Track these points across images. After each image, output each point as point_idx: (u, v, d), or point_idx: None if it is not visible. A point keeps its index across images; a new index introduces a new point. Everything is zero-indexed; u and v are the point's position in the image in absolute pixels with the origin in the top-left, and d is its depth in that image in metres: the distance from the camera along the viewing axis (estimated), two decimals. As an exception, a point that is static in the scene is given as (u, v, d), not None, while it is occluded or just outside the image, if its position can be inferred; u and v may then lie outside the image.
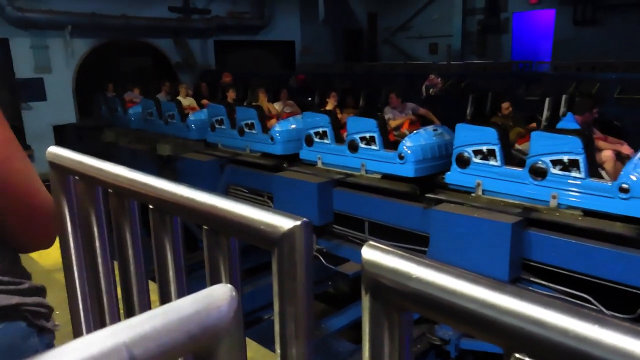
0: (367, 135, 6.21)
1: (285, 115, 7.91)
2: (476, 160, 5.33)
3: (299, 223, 0.70)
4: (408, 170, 5.84)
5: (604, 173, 4.77)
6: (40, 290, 0.85)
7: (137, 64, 13.51)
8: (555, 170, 4.76)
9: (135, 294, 1.14)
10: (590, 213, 4.63)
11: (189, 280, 1.03)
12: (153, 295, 1.20)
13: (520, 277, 4.89)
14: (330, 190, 6.39)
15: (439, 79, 9.14)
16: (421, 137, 5.99)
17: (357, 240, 6.36)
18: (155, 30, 12.98)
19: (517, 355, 0.45)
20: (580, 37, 13.46)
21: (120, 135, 10.24)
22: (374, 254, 0.56)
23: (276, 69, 15.33)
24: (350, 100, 7.57)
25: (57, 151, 1.25)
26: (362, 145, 6.29)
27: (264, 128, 7.57)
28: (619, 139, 5.30)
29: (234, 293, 0.55)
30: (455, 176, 5.53)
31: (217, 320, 0.52)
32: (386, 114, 6.70)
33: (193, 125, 8.87)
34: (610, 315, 0.42)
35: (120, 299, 1.25)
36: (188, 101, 9.59)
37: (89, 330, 1.33)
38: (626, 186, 4.32)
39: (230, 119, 8.09)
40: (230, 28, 14.36)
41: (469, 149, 5.36)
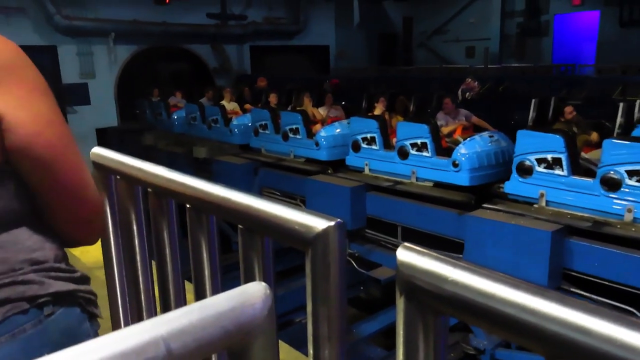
0: (419, 141, 5.98)
1: (330, 120, 7.79)
2: (540, 169, 5.02)
3: (333, 224, 0.70)
4: (463, 179, 5.57)
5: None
6: (88, 280, 0.89)
7: (175, 69, 13.88)
8: (632, 182, 4.41)
9: (171, 291, 1.16)
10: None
11: (222, 281, 1.05)
12: (188, 295, 1.22)
13: (560, 288, 4.72)
14: (363, 195, 6.36)
15: (476, 83, 8.97)
16: (476, 144, 5.71)
17: (390, 245, 6.30)
18: (193, 36, 13.30)
19: (560, 364, 0.43)
20: (627, 39, 12.94)
21: (159, 138, 10.52)
22: (409, 255, 0.55)
23: (311, 73, 15.42)
24: (398, 105, 7.37)
25: (100, 152, 1.30)
26: (413, 151, 6.06)
27: (309, 133, 7.46)
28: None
29: (268, 291, 0.56)
30: (515, 186, 5.22)
31: (252, 317, 0.53)
32: (439, 120, 6.43)
33: (236, 130, 8.87)
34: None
35: (157, 296, 1.28)
36: (231, 106, 9.64)
37: (127, 325, 1.37)
38: None
39: (274, 123, 8.05)
40: (265, 33, 14.57)
41: (532, 157, 5.06)
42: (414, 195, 5.97)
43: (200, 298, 1.00)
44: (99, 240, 1.46)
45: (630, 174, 4.45)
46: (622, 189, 4.50)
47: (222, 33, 13.69)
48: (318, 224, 0.70)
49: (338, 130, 7.32)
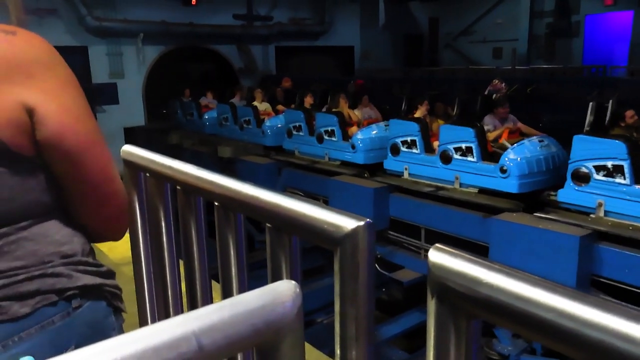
0: (463, 145, 5.75)
1: (366, 122, 7.61)
2: (598, 177, 4.76)
3: (362, 223, 0.70)
4: (511, 186, 5.33)
5: None
6: (114, 274, 0.91)
7: (202, 69, 14.06)
8: None
9: (198, 289, 1.17)
10: None
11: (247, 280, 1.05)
12: (213, 293, 1.23)
13: (589, 294, 4.59)
14: (386, 196, 6.32)
15: (503, 84, 8.80)
16: (526, 149, 5.46)
17: (413, 248, 6.25)
18: (220, 37, 13.45)
19: (600, 372, 0.42)
20: (661, 40, 12.54)
21: (184, 137, 10.68)
22: (441, 257, 0.54)
23: (335, 74, 15.41)
24: (438, 108, 7.11)
25: (130, 149, 1.32)
26: (457, 156, 5.83)
27: (345, 135, 7.29)
28: None
29: (297, 290, 0.56)
30: (570, 194, 4.96)
31: (282, 315, 0.53)
32: (486, 124, 6.09)
33: (269, 131, 8.69)
34: None
35: (184, 294, 1.29)
36: (263, 106, 9.46)
37: (154, 321, 1.39)
38: None
39: (308, 125, 7.91)
40: (291, 34, 14.63)
41: (589, 164, 4.81)
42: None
43: (227, 296, 1.01)
44: (127, 237, 1.49)
45: None
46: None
47: (248, 34, 13.81)
48: (347, 223, 0.70)
49: (375, 132, 7.14)
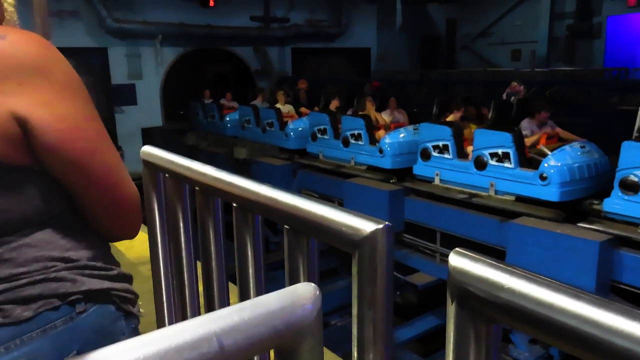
0: (500, 151, 5.52)
1: (394, 126, 7.39)
2: None
3: (381, 226, 0.69)
4: (552, 194, 5.12)
5: None
6: (127, 278, 0.90)
7: (218, 70, 14.18)
8: None
9: (215, 290, 1.18)
10: None
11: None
12: (230, 295, 1.24)
13: (609, 301, 4.50)
14: (402, 199, 6.29)
15: (522, 87, 8.69)
16: (567, 155, 5.25)
17: (428, 251, 6.20)
18: (237, 39, 13.56)
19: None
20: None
21: (200, 138, 10.77)
22: (462, 261, 0.54)
23: (352, 76, 15.41)
24: (470, 111, 6.87)
25: (150, 150, 1.34)
26: (492, 162, 5.61)
27: (372, 139, 7.08)
28: None
29: (317, 292, 0.56)
30: (617, 204, 4.76)
31: (302, 317, 0.53)
32: (524, 128, 5.85)
33: (292, 134, 8.53)
34: None
35: (201, 294, 1.30)
36: (286, 108, 9.27)
37: (172, 321, 1.41)
38: None
39: (333, 128, 7.69)
40: (307, 36, 14.67)
41: (639, 172, 4.59)
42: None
43: (244, 297, 1.02)
44: (145, 237, 1.50)
45: None
46: None
47: (265, 35, 13.89)
48: (366, 226, 0.70)
49: (403, 135, 6.95)
